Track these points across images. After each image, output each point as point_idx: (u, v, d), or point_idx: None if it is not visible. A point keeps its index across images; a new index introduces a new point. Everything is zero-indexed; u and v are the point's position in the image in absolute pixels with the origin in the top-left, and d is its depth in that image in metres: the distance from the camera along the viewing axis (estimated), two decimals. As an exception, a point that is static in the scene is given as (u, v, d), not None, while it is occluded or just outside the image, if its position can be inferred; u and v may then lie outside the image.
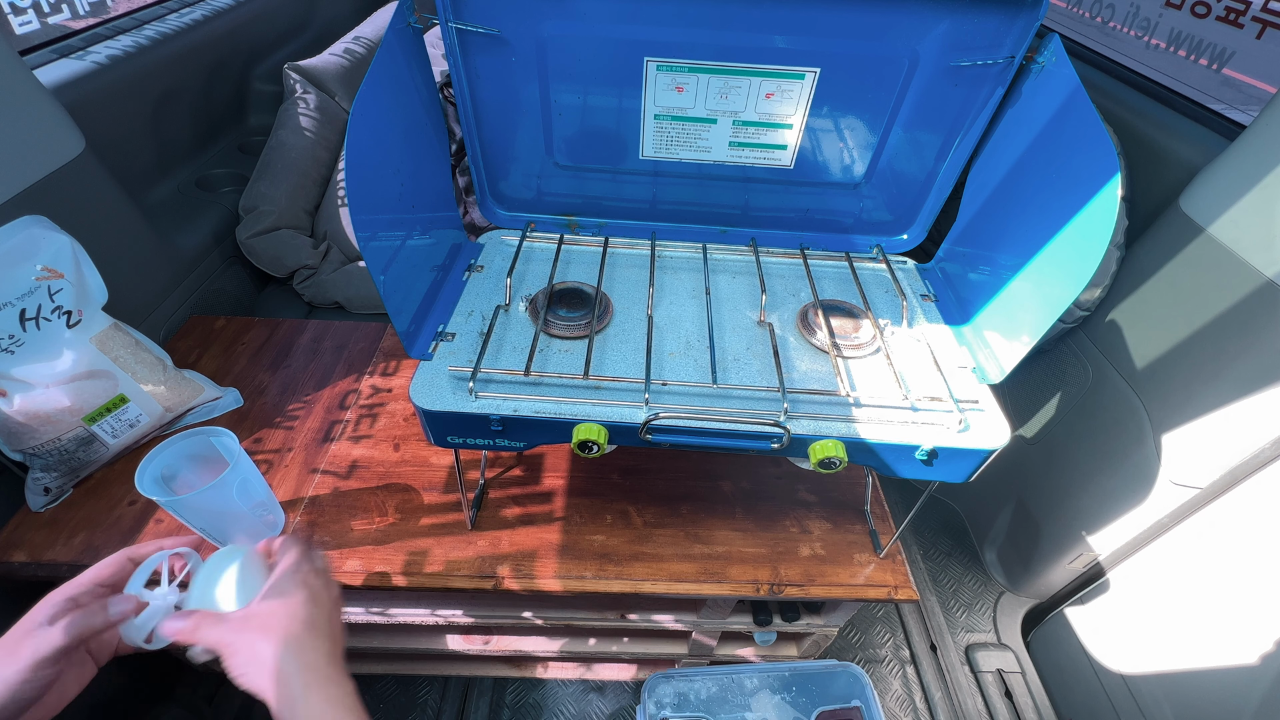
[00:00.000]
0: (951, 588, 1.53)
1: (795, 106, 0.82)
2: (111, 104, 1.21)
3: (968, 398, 0.74)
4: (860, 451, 0.70)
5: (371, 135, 0.65)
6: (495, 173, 0.92)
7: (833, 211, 0.96)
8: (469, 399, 0.70)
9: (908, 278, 0.94)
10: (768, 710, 0.90)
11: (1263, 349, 0.91)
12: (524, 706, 1.29)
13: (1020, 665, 1.39)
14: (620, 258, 0.95)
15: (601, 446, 0.68)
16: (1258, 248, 0.91)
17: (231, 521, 0.81)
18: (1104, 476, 1.18)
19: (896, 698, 1.35)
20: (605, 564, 0.88)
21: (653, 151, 0.88)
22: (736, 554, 0.90)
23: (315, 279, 1.42)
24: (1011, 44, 0.75)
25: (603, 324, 0.82)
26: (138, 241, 1.15)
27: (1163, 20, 1.28)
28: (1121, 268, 1.12)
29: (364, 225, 0.62)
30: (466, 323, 0.80)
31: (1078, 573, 1.31)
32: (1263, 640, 0.93)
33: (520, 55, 0.79)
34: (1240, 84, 3.39)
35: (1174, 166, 1.07)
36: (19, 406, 0.81)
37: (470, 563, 0.87)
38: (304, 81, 1.50)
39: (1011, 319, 0.75)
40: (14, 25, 1.25)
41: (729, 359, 0.79)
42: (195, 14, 1.48)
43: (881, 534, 0.93)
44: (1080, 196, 0.64)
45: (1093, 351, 1.19)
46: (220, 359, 1.15)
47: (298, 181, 1.45)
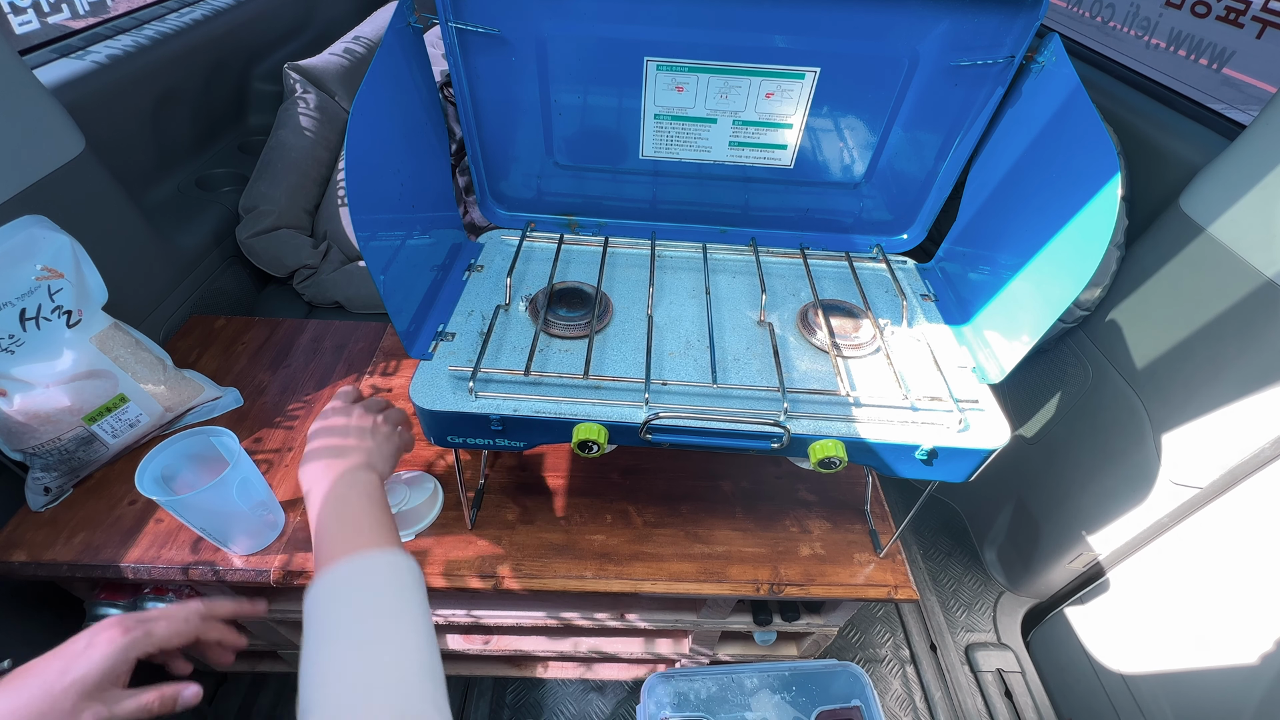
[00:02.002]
0: (951, 588, 1.53)
1: (795, 106, 0.82)
2: (111, 104, 1.21)
3: (968, 397, 0.74)
4: (860, 451, 0.70)
5: (371, 135, 0.65)
6: (495, 173, 0.92)
7: (833, 211, 0.96)
8: (469, 399, 0.70)
9: (908, 277, 0.94)
10: (768, 710, 0.90)
11: (1263, 349, 0.91)
12: (524, 706, 1.29)
13: (1020, 665, 1.39)
14: (620, 258, 0.95)
15: (601, 446, 0.68)
16: (1258, 248, 0.91)
17: (232, 521, 0.81)
18: (1104, 476, 1.18)
19: (896, 698, 1.35)
20: (605, 564, 0.88)
21: (653, 151, 0.88)
22: (736, 554, 0.90)
23: (315, 279, 1.42)
24: (1011, 44, 0.75)
25: (603, 324, 0.82)
26: (138, 241, 1.15)
27: (1163, 20, 1.28)
28: (1121, 268, 1.12)
29: (364, 225, 0.62)
30: (466, 322, 0.80)
31: (1078, 572, 1.31)
32: (1263, 640, 0.93)
33: (520, 55, 0.79)
34: (1240, 84, 3.39)
35: (1174, 166, 1.07)
36: (19, 406, 0.81)
37: (470, 563, 0.87)
38: (304, 81, 1.50)
39: (1011, 319, 0.75)
40: (14, 25, 1.25)
41: (729, 359, 0.79)
42: (195, 14, 1.48)
43: (881, 534, 0.93)
44: (1080, 196, 0.64)
45: (1093, 351, 1.19)
46: (220, 359, 1.15)
47: (298, 181, 1.45)
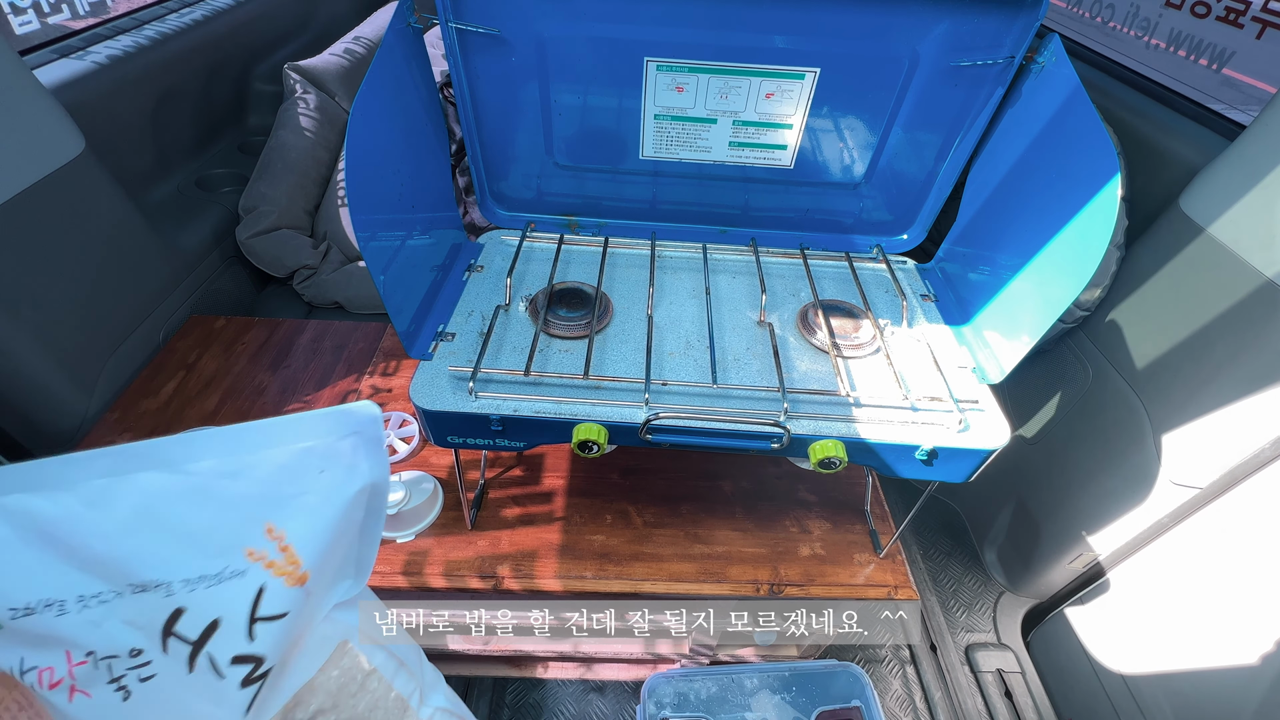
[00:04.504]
0: (951, 588, 1.53)
1: (795, 106, 0.82)
2: (111, 104, 1.21)
3: (968, 398, 0.74)
4: (860, 451, 0.70)
5: (371, 135, 0.65)
6: (495, 173, 0.92)
7: (833, 211, 0.96)
8: (469, 399, 0.70)
9: (908, 278, 0.94)
10: (768, 710, 0.90)
11: (1263, 349, 0.91)
12: (524, 706, 1.29)
13: (1020, 665, 1.39)
14: (620, 258, 0.95)
15: (601, 446, 0.68)
16: (1258, 248, 0.91)
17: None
18: (1104, 476, 1.17)
19: (896, 698, 1.35)
20: (605, 564, 0.88)
21: (653, 151, 0.88)
22: (736, 554, 0.90)
23: (315, 279, 1.42)
24: (1011, 44, 0.75)
25: (603, 324, 0.82)
26: (138, 241, 1.15)
27: (1163, 20, 1.28)
28: (1121, 268, 1.12)
29: (364, 225, 0.62)
30: (466, 323, 0.80)
31: (1078, 573, 1.31)
32: (1263, 640, 0.93)
33: (520, 55, 0.79)
34: (1240, 84, 3.39)
35: (1174, 166, 1.07)
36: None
37: (470, 563, 0.87)
38: (304, 81, 1.50)
39: (1011, 319, 0.75)
40: (14, 25, 1.25)
41: (729, 359, 0.79)
42: (195, 14, 1.48)
43: (881, 534, 0.93)
44: (1080, 196, 0.64)
45: (1093, 351, 1.19)
46: (220, 359, 1.15)
47: (298, 181, 1.45)
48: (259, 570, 0.35)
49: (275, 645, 0.35)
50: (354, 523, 0.38)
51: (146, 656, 0.36)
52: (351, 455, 0.37)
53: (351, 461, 0.37)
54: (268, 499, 0.36)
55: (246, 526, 0.35)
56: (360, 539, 0.40)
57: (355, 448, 0.37)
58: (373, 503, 0.37)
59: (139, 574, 0.35)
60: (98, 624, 0.36)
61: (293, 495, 0.36)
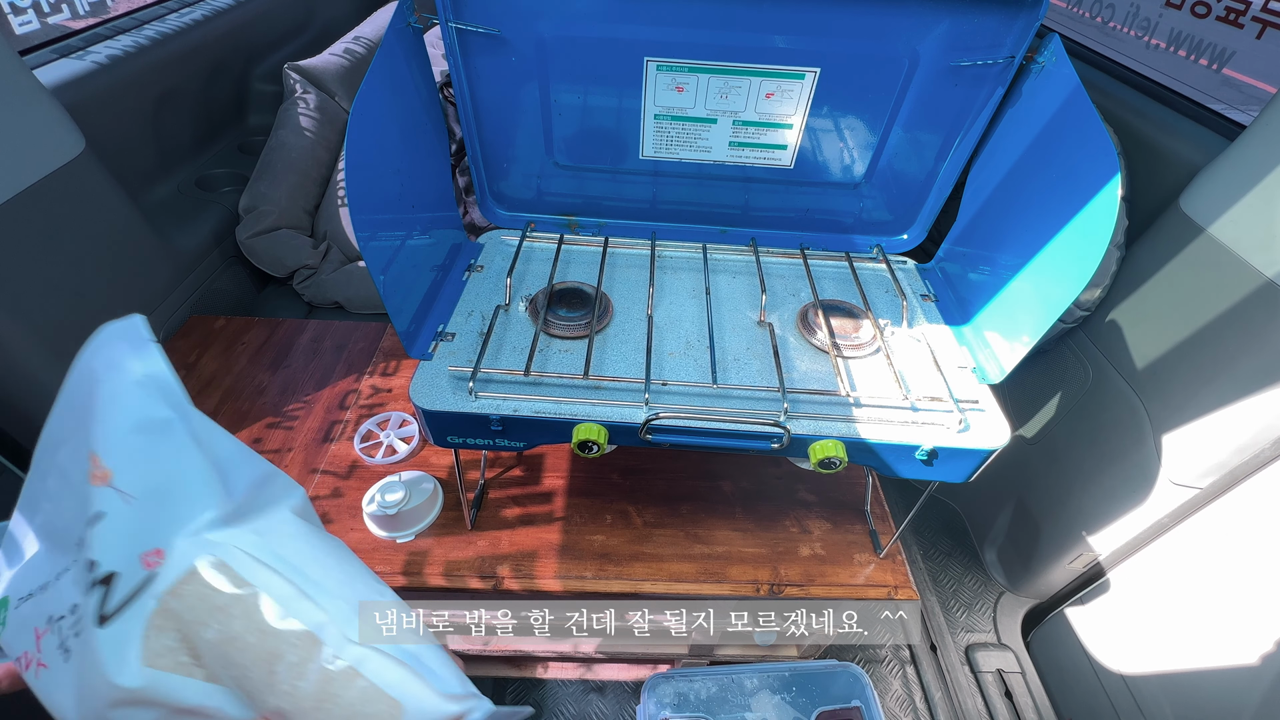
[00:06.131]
0: (951, 588, 1.53)
1: (795, 106, 0.82)
2: (111, 104, 1.21)
3: (968, 398, 0.74)
4: (860, 451, 0.70)
5: (371, 135, 0.65)
6: (495, 173, 0.92)
7: (833, 211, 0.96)
8: (469, 399, 0.70)
9: (908, 278, 0.94)
10: (768, 710, 0.90)
11: (1263, 349, 0.91)
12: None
13: (1020, 665, 1.39)
14: (620, 258, 0.95)
15: (601, 446, 0.68)
16: (1258, 248, 0.91)
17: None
18: (1104, 476, 1.17)
19: (896, 698, 1.35)
20: (605, 564, 0.88)
21: (653, 151, 0.88)
22: (736, 554, 0.90)
23: (315, 279, 1.42)
24: (1011, 44, 0.75)
25: (603, 324, 0.82)
26: (138, 241, 1.15)
27: (1163, 20, 1.28)
28: (1121, 268, 1.12)
29: (364, 225, 0.62)
30: (466, 323, 0.80)
31: (1078, 573, 1.31)
32: (1263, 640, 0.93)
33: (520, 55, 0.79)
34: (1240, 84, 3.39)
35: (1174, 166, 1.07)
36: None
37: (470, 563, 0.87)
38: (304, 81, 1.50)
39: (1011, 319, 0.75)
40: (14, 25, 1.25)
41: (729, 359, 0.79)
42: (195, 14, 1.48)
43: (881, 534, 0.93)
44: (1080, 196, 0.64)
45: (1093, 351, 1.19)
46: (220, 359, 1.15)
47: (298, 181, 1.45)
48: (96, 490, 0.37)
49: (105, 549, 0.36)
50: (153, 421, 0.38)
51: (80, 611, 0.37)
52: (118, 359, 0.40)
53: (114, 360, 0.40)
54: (80, 431, 0.39)
55: (81, 461, 0.38)
56: (188, 447, 0.38)
57: (121, 354, 0.40)
58: (169, 398, 0.38)
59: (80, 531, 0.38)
60: (59, 589, 0.39)
61: (92, 418, 0.38)
